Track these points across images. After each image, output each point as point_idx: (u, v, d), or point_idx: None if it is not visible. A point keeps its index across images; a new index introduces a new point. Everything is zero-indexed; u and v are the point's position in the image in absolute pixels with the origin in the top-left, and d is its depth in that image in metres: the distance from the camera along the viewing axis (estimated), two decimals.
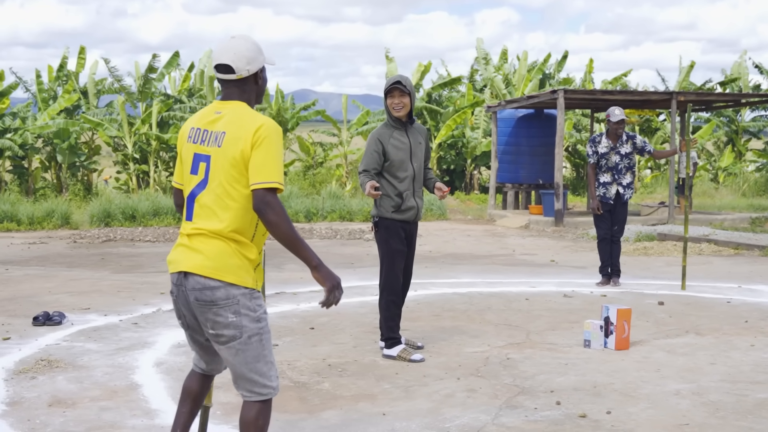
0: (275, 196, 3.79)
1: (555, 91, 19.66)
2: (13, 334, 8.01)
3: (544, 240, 16.87)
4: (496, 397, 5.96)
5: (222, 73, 3.98)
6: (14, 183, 25.23)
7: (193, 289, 3.86)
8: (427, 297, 10.05)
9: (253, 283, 3.90)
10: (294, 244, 3.79)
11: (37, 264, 13.10)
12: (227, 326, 3.84)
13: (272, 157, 3.81)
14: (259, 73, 4.05)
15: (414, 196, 7.16)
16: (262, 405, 3.97)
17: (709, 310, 9.30)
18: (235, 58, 3.95)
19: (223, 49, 3.97)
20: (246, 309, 3.85)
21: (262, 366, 3.91)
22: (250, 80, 4.01)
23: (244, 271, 3.86)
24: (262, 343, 3.91)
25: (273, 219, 3.76)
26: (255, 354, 3.89)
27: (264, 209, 3.76)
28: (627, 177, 10.80)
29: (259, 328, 3.90)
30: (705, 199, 26.02)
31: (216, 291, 3.82)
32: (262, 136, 3.82)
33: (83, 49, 26.59)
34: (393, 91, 7.02)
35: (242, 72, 3.96)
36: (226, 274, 3.82)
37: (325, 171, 28.76)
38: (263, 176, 3.78)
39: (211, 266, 3.82)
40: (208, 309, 3.84)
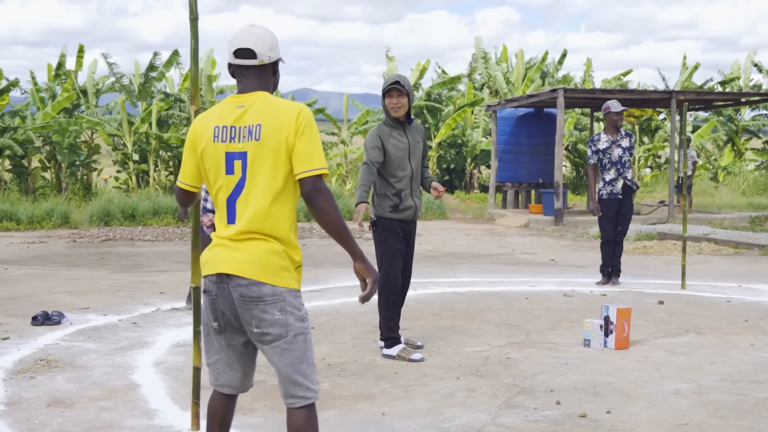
0: (324, 182, 3.70)
1: (555, 90, 19.65)
2: (12, 333, 8.00)
3: (544, 239, 16.86)
4: (496, 397, 5.95)
5: (242, 58, 3.82)
6: (14, 182, 25.22)
7: (237, 286, 3.70)
8: (426, 296, 10.04)
9: (296, 283, 3.79)
10: (343, 233, 3.70)
11: (36, 263, 13.09)
12: (273, 324, 3.70)
13: (316, 144, 3.71)
14: (278, 64, 3.93)
15: (412, 196, 7.15)
16: (308, 411, 3.81)
17: (709, 309, 9.29)
18: (258, 43, 3.81)
19: (245, 35, 3.83)
20: (292, 307, 3.73)
21: (305, 368, 3.78)
22: (269, 69, 3.87)
23: (288, 273, 3.74)
24: (306, 344, 3.79)
25: (325, 207, 3.66)
26: (300, 354, 3.76)
27: (316, 196, 3.66)
28: (629, 171, 10.81)
29: (304, 328, 3.79)
30: (705, 198, 26.01)
31: (262, 287, 3.68)
32: (304, 122, 3.71)
33: (82, 48, 26.57)
34: (391, 91, 7.01)
35: (264, 58, 3.81)
36: (271, 276, 3.69)
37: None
38: (312, 163, 3.67)
39: (255, 269, 3.69)
40: (255, 306, 3.70)
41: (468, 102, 27.66)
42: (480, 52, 30.11)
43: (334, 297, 10.06)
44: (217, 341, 3.89)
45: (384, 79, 7.16)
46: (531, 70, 29.61)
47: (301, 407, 3.78)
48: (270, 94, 3.84)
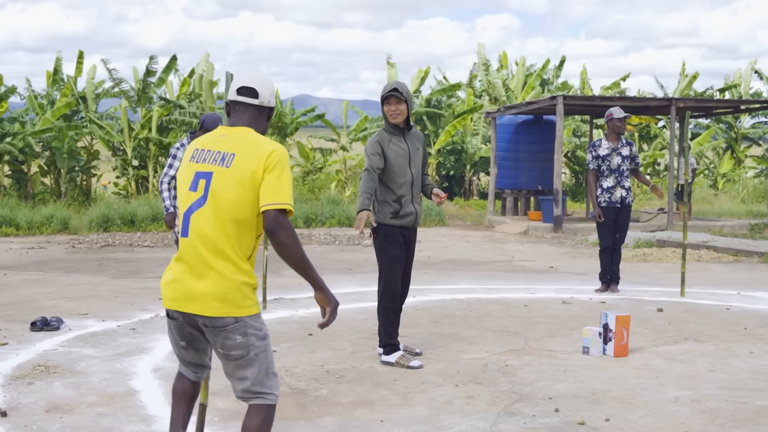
0: (287, 217, 3.85)
1: (554, 97, 19.66)
2: (11, 339, 7.99)
3: (543, 246, 16.86)
4: (495, 404, 5.94)
5: (245, 96, 4.06)
6: (13, 188, 25.22)
7: (200, 316, 3.93)
8: (425, 303, 10.04)
9: (256, 307, 3.98)
10: (303, 265, 3.87)
11: (35, 269, 13.09)
12: (236, 347, 3.93)
13: (285, 181, 3.86)
14: (271, 112, 4.17)
15: (412, 202, 7.15)
16: (266, 411, 4.04)
17: (708, 316, 9.29)
18: (262, 86, 4.08)
19: (251, 77, 4.10)
20: (253, 329, 3.95)
21: (267, 379, 4.02)
22: (265, 112, 4.12)
23: (249, 300, 3.93)
24: (267, 358, 4.02)
25: (285, 240, 3.82)
26: (261, 368, 3.99)
27: (276, 230, 3.81)
28: (628, 180, 10.81)
29: (265, 345, 4.01)
30: (704, 206, 26.03)
31: (224, 319, 3.89)
32: (275, 160, 3.88)
33: (82, 54, 26.57)
34: (389, 98, 7.02)
35: (264, 100, 4.07)
36: (232, 309, 3.89)
37: (324, 176, 28.76)
38: (276, 198, 3.83)
39: (216, 306, 3.88)
40: (218, 333, 3.93)
41: (467, 109, 27.68)
42: (482, 59, 30.13)
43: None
44: (182, 350, 4.19)
45: (384, 86, 7.17)
46: (531, 77, 29.64)
47: (261, 406, 4.02)
48: (255, 131, 4.04)
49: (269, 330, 7.87)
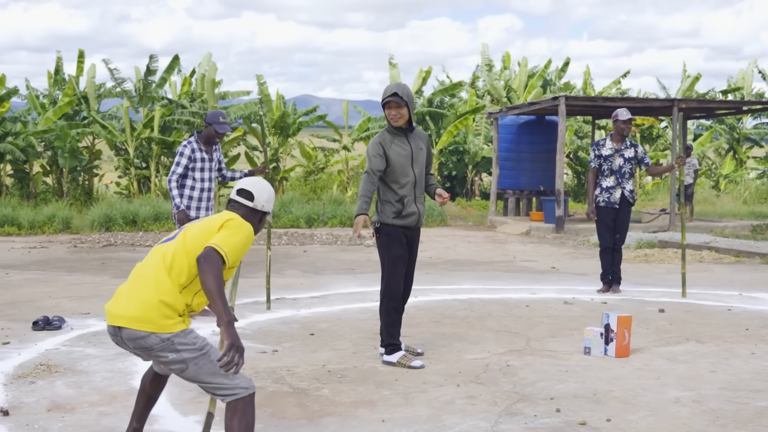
0: (218, 257, 4.18)
1: (556, 98, 19.66)
2: (13, 338, 8.00)
3: (545, 247, 16.86)
4: (496, 404, 5.94)
5: (242, 197, 4.59)
6: (15, 187, 25.24)
7: (128, 340, 4.30)
8: (427, 303, 10.04)
9: (180, 325, 4.31)
10: (214, 297, 4.09)
11: (37, 268, 13.10)
12: (171, 363, 4.29)
13: (234, 238, 4.31)
14: (263, 216, 4.65)
15: (415, 202, 7.15)
16: (236, 406, 4.31)
17: (710, 317, 9.29)
18: (259, 192, 4.60)
19: (252, 182, 4.63)
20: (183, 346, 4.28)
21: (221, 379, 4.30)
22: (257, 215, 4.62)
23: (169, 319, 4.28)
24: (213, 362, 4.29)
25: (204, 269, 4.13)
26: (208, 372, 4.30)
27: (201, 259, 4.16)
28: (630, 182, 10.80)
29: (202, 353, 4.30)
30: (706, 207, 26.02)
31: (147, 339, 4.25)
32: (234, 224, 4.39)
33: (82, 53, 26.58)
34: (389, 103, 7.02)
35: (258, 205, 4.59)
36: (152, 326, 4.25)
37: (326, 176, 28.77)
38: (218, 241, 4.25)
39: (138, 321, 4.25)
40: (148, 353, 4.31)
41: (470, 109, 27.68)
42: (485, 59, 30.13)
43: (335, 303, 10.06)
44: None
45: (385, 88, 7.16)
46: (533, 77, 29.63)
47: (236, 401, 4.31)
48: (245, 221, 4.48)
49: (271, 330, 7.87)
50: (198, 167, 9.08)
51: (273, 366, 6.98)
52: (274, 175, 26.78)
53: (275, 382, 6.49)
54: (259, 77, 27.25)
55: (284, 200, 22.34)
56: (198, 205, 9.10)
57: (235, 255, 4.30)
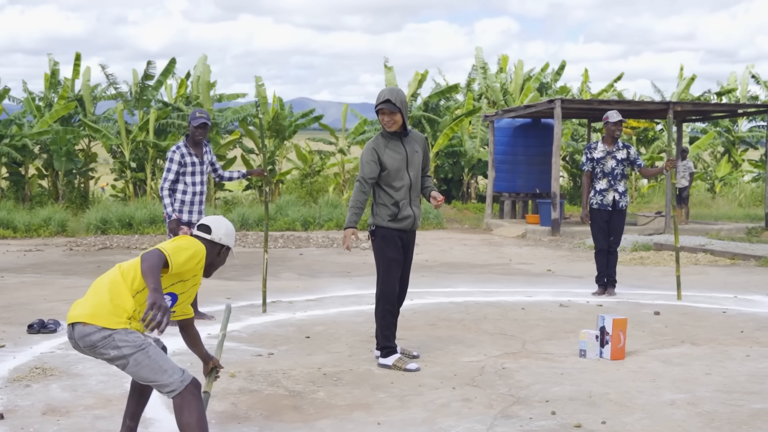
0: (161, 255, 4.56)
1: (552, 101, 19.68)
2: (8, 341, 7.99)
3: (541, 249, 16.87)
4: (492, 407, 5.95)
5: (201, 231, 4.99)
6: (10, 190, 25.21)
7: (78, 339, 4.59)
8: (423, 306, 10.04)
9: (124, 325, 4.58)
10: (145, 275, 4.48)
11: (32, 271, 13.09)
12: (113, 359, 4.57)
13: (181, 250, 4.69)
14: (224, 249, 5.03)
15: (411, 205, 7.15)
16: (177, 401, 4.56)
17: (705, 320, 9.30)
18: (216, 226, 5.00)
19: (212, 219, 5.03)
20: (123, 342, 4.55)
21: (158, 376, 4.56)
22: (216, 247, 5.00)
23: (116, 317, 4.57)
24: (151, 358, 4.57)
25: (144, 256, 4.55)
26: (148, 368, 4.57)
27: (145, 254, 4.57)
28: (622, 184, 10.82)
29: (142, 350, 4.56)
30: (701, 209, 26.04)
31: (92, 335, 4.54)
32: (185, 242, 4.79)
33: (79, 56, 26.56)
34: (382, 109, 7.02)
35: (215, 237, 4.98)
36: (98, 320, 4.55)
37: (323, 179, 28.76)
38: (165, 246, 4.67)
39: (87, 314, 4.57)
40: (93, 350, 4.59)
41: (466, 112, 27.68)
42: (480, 62, 30.12)
43: (331, 306, 10.06)
44: None
45: (378, 94, 7.15)
46: (529, 80, 29.64)
47: (176, 397, 4.57)
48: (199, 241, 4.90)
49: (267, 333, 7.86)
50: (189, 171, 9.06)
51: (269, 369, 6.98)
52: (270, 177, 26.78)
53: (271, 385, 6.49)
54: (258, 79, 27.25)
55: (280, 203, 22.33)
56: (191, 209, 9.09)
57: (179, 259, 4.65)
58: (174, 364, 4.65)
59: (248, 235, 18.76)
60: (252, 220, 20.72)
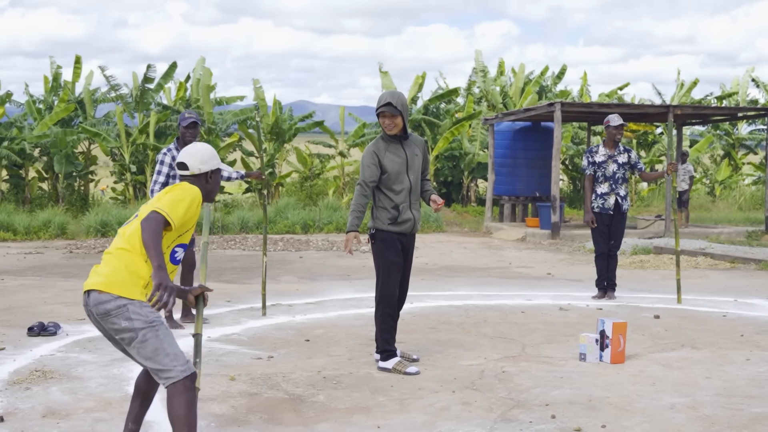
0: (158, 218, 4.51)
1: (552, 104, 19.68)
2: (8, 344, 7.99)
3: (541, 253, 16.87)
4: (491, 411, 5.95)
5: (180, 170, 4.93)
6: (11, 192, 25.20)
7: (93, 306, 4.60)
8: (422, 309, 10.04)
9: (141, 297, 4.58)
10: (148, 247, 4.45)
11: (32, 274, 13.09)
12: (123, 330, 4.55)
13: (176, 200, 4.63)
14: (210, 173, 4.95)
15: (411, 209, 7.15)
16: (177, 390, 4.56)
17: (705, 323, 9.30)
18: (191, 158, 4.91)
19: (184, 152, 4.96)
20: (136, 315, 4.54)
21: (162, 357, 4.55)
22: (202, 177, 4.93)
23: (132, 286, 4.57)
24: (159, 338, 4.56)
25: (144, 226, 4.48)
26: (153, 348, 4.55)
27: (144, 222, 4.50)
28: (623, 188, 10.82)
29: (152, 327, 4.55)
30: (701, 213, 26.04)
31: (107, 303, 4.54)
32: (179, 188, 4.74)
33: (79, 59, 26.56)
34: (383, 113, 7.02)
35: (194, 170, 4.90)
36: (115, 288, 4.56)
37: (322, 182, 28.75)
38: (159, 205, 4.59)
39: (103, 283, 4.59)
40: (106, 319, 4.58)
41: (466, 115, 27.68)
42: (480, 65, 30.12)
43: (330, 309, 10.06)
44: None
45: (379, 97, 7.15)
46: (529, 84, 29.64)
47: (171, 386, 4.57)
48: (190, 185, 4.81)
49: (266, 337, 7.86)
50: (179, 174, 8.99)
51: (268, 372, 6.98)
52: (270, 180, 26.79)
53: (271, 389, 6.49)
54: (256, 81, 27.23)
55: (280, 206, 22.33)
56: None
57: (178, 214, 4.60)
58: (180, 350, 4.62)
59: (248, 238, 18.75)
60: (252, 223, 20.72)
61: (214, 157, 4.98)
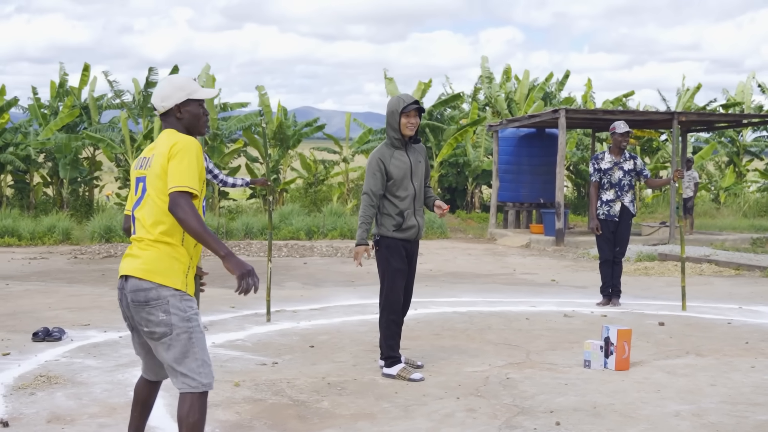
0: (185, 197, 4.22)
1: (556, 111, 19.68)
2: (13, 349, 8.00)
3: (545, 259, 16.86)
4: (496, 417, 5.94)
5: (156, 111, 4.60)
6: (15, 198, 25.26)
7: (130, 291, 4.35)
8: (427, 316, 10.04)
9: (182, 285, 4.36)
10: (202, 237, 4.19)
11: (37, 279, 13.10)
12: (158, 324, 4.31)
13: (185, 166, 4.28)
14: (178, 107, 4.54)
15: (415, 215, 7.16)
16: (192, 399, 4.35)
17: (710, 331, 9.29)
18: (155, 97, 4.58)
19: (155, 93, 4.60)
20: (176, 309, 4.31)
21: (191, 362, 4.34)
22: (171, 113, 4.55)
23: (174, 274, 4.34)
24: (192, 341, 4.34)
25: (181, 216, 4.18)
26: (184, 350, 4.33)
27: (174, 209, 4.20)
28: (629, 195, 10.82)
29: (188, 327, 4.34)
30: (706, 219, 26.02)
31: (148, 292, 4.30)
32: (177, 149, 4.33)
33: (87, 66, 26.66)
34: (411, 111, 7.05)
35: (159, 108, 4.55)
36: (156, 276, 4.30)
37: (327, 188, 28.78)
38: (175, 181, 4.24)
39: (143, 269, 4.32)
40: (142, 308, 4.32)
41: (470, 121, 27.70)
42: (485, 71, 30.15)
43: (335, 316, 10.06)
44: (132, 338, 4.65)
45: (387, 99, 7.17)
46: (534, 90, 29.66)
47: (187, 393, 4.36)
48: (174, 130, 4.52)
49: (271, 343, 7.86)
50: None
51: (273, 378, 6.98)
52: (275, 186, 26.80)
53: (275, 395, 6.49)
54: (260, 88, 27.29)
55: (284, 212, 22.35)
56: None
57: (195, 178, 4.30)
58: (209, 359, 4.42)
59: (252, 244, 18.77)
60: (256, 229, 20.73)
61: (179, 89, 4.55)
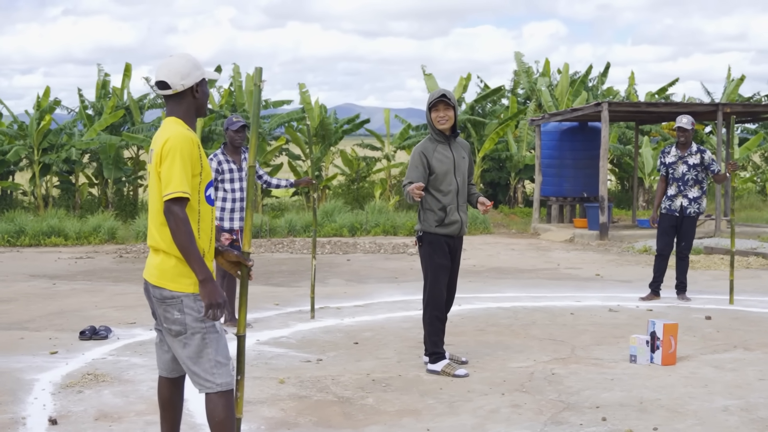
0: (178, 204, 4.19)
1: (599, 104, 19.52)
2: (60, 348, 8.09)
3: (589, 254, 16.74)
4: (541, 413, 5.91)
5: (160, 89, 4.40)
6: (62, 198, 25.54)
7: (152, 288, 4.39)
8: (471, 311, 10.01)
9: (195, 288, 4.32)
10: (186, 254, 4.22)
11: (83, 278, 13.24)
12: (174, 322, 4.34)
13: (175, 169, 4.20)
14: (196, 87, 4.41)
15: (458, 210, 7.14)
16: (214, 398, 4.36)
17: (758, 324, 9.18)
18: (170, 74, 4.34)
19: (160, 67, 4.38)
20: (189, 309, 4.32)
21: (204, 362, 4.34)
22: (186, 94, 4.40)
23: (184, 277, 4.31)
24: (205, 341, 4.34)
25: (171, 227, 4.21)
26: (197, 350, 4.34)
27: (167, 218, 4.22)
28: (694, 190, 10.68)
29: (202, 328, 4.34)
30: (752, 212, 25.69)
31: (164, 291, 4.33)
32: (167, 149, 4.24)
33: (129, 67, 26.90)
34: (438, 104, 7.04)
35: (177, 87, 4.35)
36: (167, 282, 4.32)
37: (369, 185, 28.79)
38: (167, 189, 4.20)
39: (156, 275, 4.35)
40: (161, 305, 4.36)
41: (511, 115, 27.58)
42: (522, 66, 29.99)
43: (379, 312, 10.07)
44: (156, 333, 4.62)
45: (427, 95, 7.17)
46: (575, 84, 29.46)
47: (210, 393, 4.37)
48: (176, 118, 4.39)
49: (315, 340, 7.87)
50: (227, 178, 8.98)
51: (317, 375, 7.00)
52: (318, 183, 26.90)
53: (320, 391, 6.51)
54: (301, 86, 27.35)
55: (327, 209, 22.39)
56: (231, 216, 9.00)
57: (186, 180, 4.19)
58: (227, 358, 4.39)
59: (296, 241, 18.83)
60: (299, 226, 20.79)
61: (196, 67, 4.40)
